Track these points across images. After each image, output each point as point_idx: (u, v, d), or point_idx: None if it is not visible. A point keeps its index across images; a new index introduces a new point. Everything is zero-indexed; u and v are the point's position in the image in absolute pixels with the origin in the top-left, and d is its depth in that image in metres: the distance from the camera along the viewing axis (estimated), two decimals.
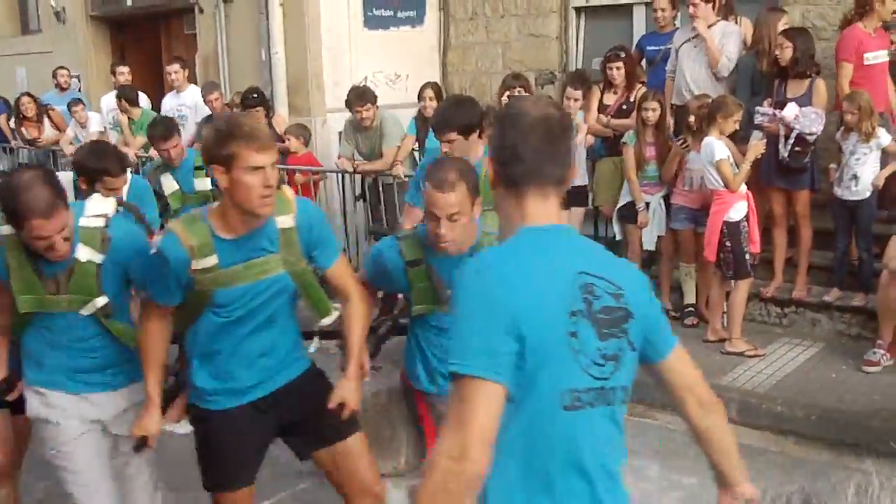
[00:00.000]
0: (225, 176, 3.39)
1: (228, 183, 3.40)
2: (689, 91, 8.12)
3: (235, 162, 3.36)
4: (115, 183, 4.96)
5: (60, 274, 3.73)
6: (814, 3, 8.74)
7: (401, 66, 10.99)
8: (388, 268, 4.05)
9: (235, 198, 3.42)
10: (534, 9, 10.62)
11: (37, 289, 3.75)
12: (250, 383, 3.76)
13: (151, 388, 3.78)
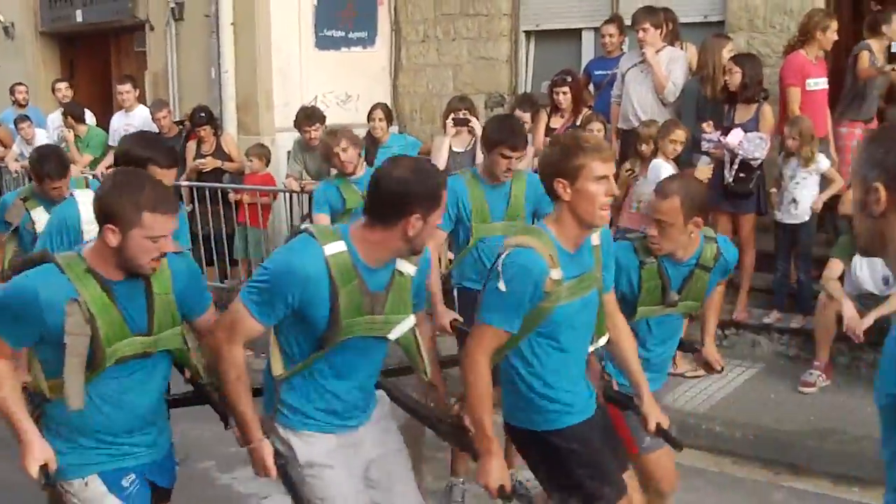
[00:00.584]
0: (569, 189, 3.48)
1: (572, 195, 3.49)
2: (635, 116, 8.22)
3: (583, 172, 3.46)
4: (165, 176, 4.29)
5: (380, 292, 3.46)
6: (759, 31, 8.89)
7: (352, 87, 11.03)
8: (621, 267, 4.14)
9: (579, 208, 3.51)
10: (484, 32, 10.71)
11: (361, 309, 3.41)
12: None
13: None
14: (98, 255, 3.31)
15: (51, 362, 3.32)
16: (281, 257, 3.41)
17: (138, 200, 3.22)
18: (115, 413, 3.42)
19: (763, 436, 6.25)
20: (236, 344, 3.42)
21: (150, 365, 3.46)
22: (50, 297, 3.19)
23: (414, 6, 11.21)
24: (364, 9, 11.16)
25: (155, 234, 3.24)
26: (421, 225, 3.31)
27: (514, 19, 10.62)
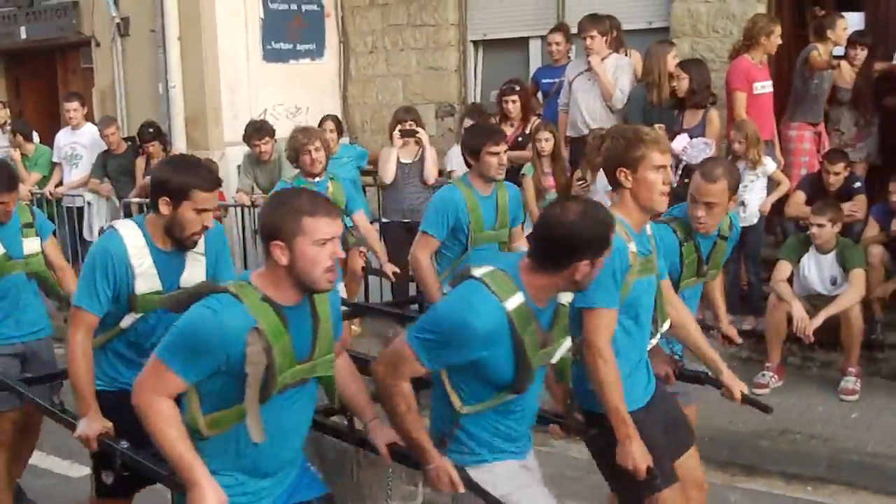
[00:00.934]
0: (631, 177, 3.81)
1: (633, 183, 3.81)
2: (584, 123, 8.29)
3: (644, 162, 3.79)
4: (209, 200, 4.03)
5: (549, 329, 3.50)
6: (702, 36, 9.01)
7: (301, 99, 11.00)
8: (667, 250, 4.36)
9: (640, 196, 3.84)
10: (433, 42, 10.75)
11: (538, 346, 3.42)
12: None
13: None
14: (269, 280, 3.22)
15: (215, 396, 3.20)
16: (457, 312, 3.32)
17: (297, 207, 3.16)
18: (272, 446, 3.29)
19: (718, 437, 6.31)
20: (402, 380, 3.42)
21: (304, 393, 3.38)
22: (234, 327, 3.10)
23: (361, 18, 11.21)
24: (312, 21, 11.15)
25: (320, 238, 3.15)
26: (589, 270, 3.34)
27: (461, 29, 10.67)
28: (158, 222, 3.97)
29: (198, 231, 3.94)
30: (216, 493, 3.14)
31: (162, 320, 3.99)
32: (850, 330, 6.91)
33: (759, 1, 8.76)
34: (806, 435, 6.35)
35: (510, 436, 3.58)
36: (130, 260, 3.94)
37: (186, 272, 4.07)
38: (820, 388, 7.14)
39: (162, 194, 3.89)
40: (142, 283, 3.97)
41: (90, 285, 3.94)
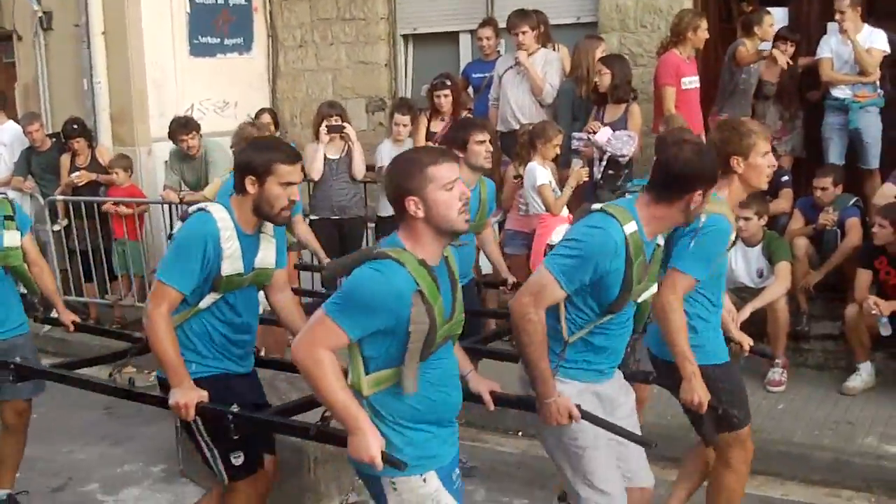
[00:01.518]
0: (744, 163, 4.30)
1: (745, 168, 4.31)
2: (514, 118, 8.31)
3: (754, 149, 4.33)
4: (293, 173, 4.13)
5: (649, 264, 3.91)
6: (630, 31, 9.06)
7: (229, 94, 10.88)
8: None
9: (752, 179, 4.36)
10: (362, 36, 10.68)
11: (639, 278, 3.84)
12: None
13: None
14: (413, 240, 3.41)
15: (379, 358, 3.39)
16: (592, 231, 3.78)
17: (419, 160, 3.41)
18: (439, 399, 3.50)
19: (649, 431, 6.29)
20: (542, 308, 3.76)
21: (449, 350, 3.59)
22: (402, 289, 3.27)
23: (290, 12, 11.11)
24: (239, 15, 11.02)
25: (447, 182, 3.35)
26: (700, 199, 3.82)
27: (391, 23, 10.62)
28: (245, 204, 4.12)
29: (286, 206, 4.09)
30: (376, 438, 3.32)
31: (240, 299, 4.23)
32: (777, 322, 7.00)
33: None
34: None
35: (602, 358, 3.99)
36: (221, 242, 4.07)
37: (261, 253, 4.26)
38: (747, 380, 7.11)
39: (247, 174, 4.07)
40: (227, 265, 4.10)
41: (183, 264, 4.04)
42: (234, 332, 4.27)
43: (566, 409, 3.76)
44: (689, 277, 4.13)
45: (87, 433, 7.02)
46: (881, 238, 6.86)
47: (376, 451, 3.29)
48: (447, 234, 3.42)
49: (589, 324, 3.88)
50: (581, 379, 3.95)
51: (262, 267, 4.27)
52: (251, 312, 4.36)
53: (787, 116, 8.48)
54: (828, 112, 8.09)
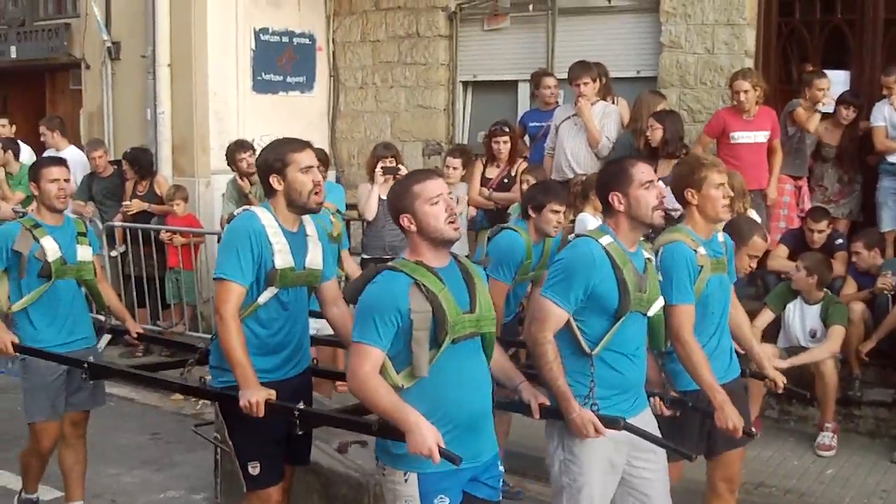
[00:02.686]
0: (697, 195, 4.56)
1: (699, 200, 4.57)
2: (568, 167, 8.32)
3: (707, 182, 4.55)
4: (307, 158, 4.40)
5: (642, 274, 4.14)
6: (690, 87, 9.08)
7: (289, 131, 10.72)
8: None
9: (705, 210, 4.57)
10: (422, 81, 10.80)
11: (636, 286, 4.07)
12: None
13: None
14: (414, 251, 3.75)
15: (400, 355, 3.64)
16: (569, 252, 4.12)
17: (406, 182, 3.79)
18: (458, 392, 3.70)
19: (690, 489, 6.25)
20: (548, 331, 4.01)
21: (476, 347, 3.81)
22: (397, 287, 3.60)
23: (353, 53, 11.27)
24: (303, 54, 11.19)
25: (432, 197, 3.68)
26: (625, 203, 4.08)
27: (451, 69, 10.73)
28: (280, 202, 4.36)
29: (312, 189, 4.33)
30: (431, 430, 3.50)
31: (295, 296, 4.45)
32: (825, 385, 6.93)
33: (747, 55, 8.86)
34: (781, 489, 6.36)
35: (625, 383, 4.13)
36: (269, 237, 4.29)
37: (310, 254, 4.46)
38: (797, 443, 7.16)
39: (269, 174, 4.34)
40: (280, 259, 4.31)
41: (234, 258, 4.25)
42: (281, 334, 4.43)
43: (590, 422, 3.93)
44: (683, 306, 4.37)
45: (132, 457, 7.07)
46: None
47: (433, 442, 3.46)
48: (440, 242, 3.72)
49: (603, 335, 4.05)
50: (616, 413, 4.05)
51: (313, 267, 4.46)
52: (302, 314, 4.56)
53: (846, 180, 8.44)
54: (883, 176, 8.05)
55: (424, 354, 3.60)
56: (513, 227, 6.15)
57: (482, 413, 3.79)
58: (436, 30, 10.62)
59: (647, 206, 4.08)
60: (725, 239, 4.87)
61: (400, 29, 10.85)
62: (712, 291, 4.56)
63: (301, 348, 4.56)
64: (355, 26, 11.21)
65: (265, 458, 4.42)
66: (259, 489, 4.45)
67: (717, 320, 4.67)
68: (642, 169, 4.14)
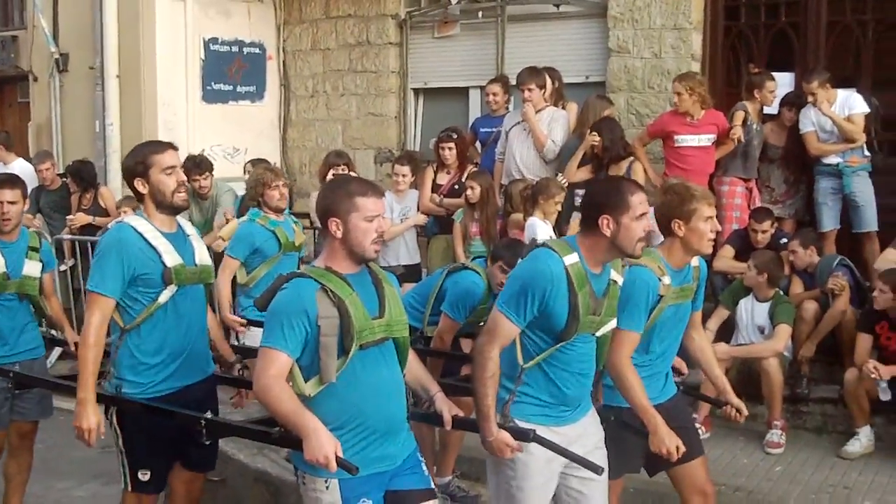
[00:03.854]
0: (685, 227, 4.38)
1: (686, 232, 4.39)
2: (518, 172, 8.36)
3: (696, 214, 4.36)
4: (170, 160, 4.58)
5: (601, 298, 4.06)
6: (638, 91, 9.16)
7: (240, 141, 10.99)
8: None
9: (690, 243, 4.41)
10: (373, 89, 10.81)
11: (589, 309, 3.99)
12: None
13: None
14: (327, 255, 3.77)
15: (311, 365, 3.65)
16: (530, 265, 4.01)
17: (350, 190, 3.76)
18: (369, 400, 3.71)
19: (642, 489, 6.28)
20: (496, 347, 3.95)
21: (387, 352, 3.83)
22: (305, 292, 3.62)
23: (303, 62, 11.27)
24: (252, 63, 11.18)
25: (369, 214, 3.71)
26: (616, 227, 3.95)
27: (402, 77, 10.75)
28: (149, 204, 4.46)
29: (176, 188, 4.44)
30: (329, 438, 3.50)
31: (190, 299, 4.53)
32: (771, 384, 6.99)
33: (693, 59, 8.95)
34: (730, 487, 6.39)
35: (563, 396, 4.08)
36: (150, 241, 4.39)
37: (197, 252, 4.60)
38: (747, 441, 7.21)
39: (133, 178, 4.45)
40: (169, 258, 4.42)
41: (102, 271, 4.33)
42: (177, 340, 4.50)
43: (506, 446, 3.93)
44: (629, 333, 4.29)
45: (82, 471, 7.01)
46: (881, 303, 6.87)
47: (329, 451, 3.46)
48: (358, 259, 3.75)
49: (543, 352, 4.01)
50: (538, 422, 4.04)
51: (204, 263, 4.61)
52: (198, 318, 4.64)
53: (792, 180, 8.53)
54: (820, 178, 8.13)
55: (332, 361, 3.61)
56: (475, 269, 6.08)
57: (397, 418, 3.82)
58: (386, 37, 10.64)
59: (634, 237, 3.97)
60: (700, 264, 4.76)
61: (350, 37, 10.86)
62: (665, 321, 4.48)
63: (200, 354, 4.63)
64: (305, 35, 11.21)
65: (156, 466, 4.54)
66: (143, 493, 4.57)
67: (664, 349, 4.61)
68: (640, 199, 4.00)
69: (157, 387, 4.44)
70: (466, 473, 6.84)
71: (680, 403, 4.83)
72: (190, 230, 4.69)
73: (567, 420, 4.13)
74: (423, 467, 3.97)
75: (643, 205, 4.01)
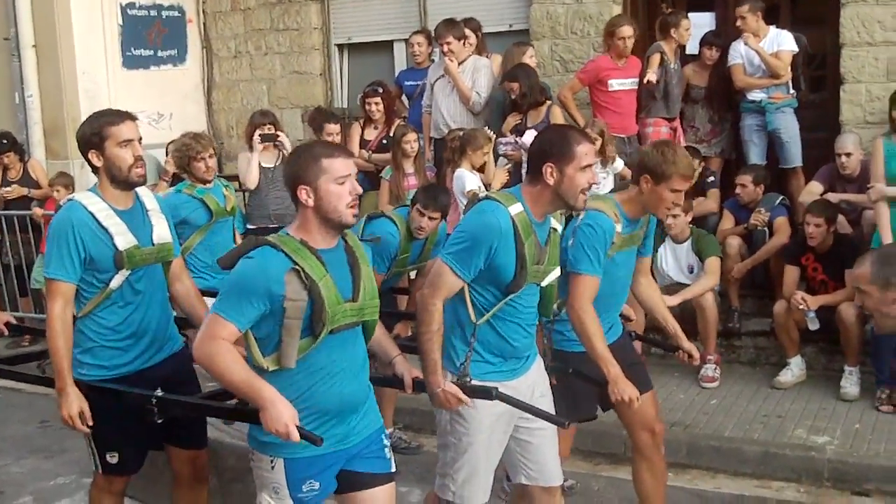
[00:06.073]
0: (653, 188, 4.37)
1: (649, 194, 4.39)
2: (445, 125, 8.36)
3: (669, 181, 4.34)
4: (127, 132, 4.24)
5: (544, 247, 4.00)
6: (561, 38, 9.17)
7: (164, 106, 10.83)
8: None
9: (650, 204, 4.44)
10: (297, 46, 10.70)
11: (535, 259, 3.93)
12: None
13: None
14: (301, 227, 3.52)
15: (269, 339, 3.46)
16: (477, 217, 3.91)
17: (315, 153, 3.51)
18: (330, 383, 3.55)
19: (582, 427, 6.36)
20: (439, 298, 3.88)
21: (356, 336, 3.66)
22: (274, 269, 3.37)
23: (224, 23, 11.12)
24: (172, 27, 11.00)
25: (339, 176, 3.45)
26: (559, 176, 3.87)
27: (325, 33, 10.66)
28: (104, 180, 4.20)
29: (132, 163, 4.14)
30: (287, 407, 3.36)
31: (146, 277, 4.29)
32: (706, 319, 7.13)
33: (615, 2, 8.97)
34: (667, 423, 6.48)
35: (512, 350, 4.05)
36: (101, 221, 4.11)
37: (156, 229, 4.33)
38: (682, 377, 7.35)
39: (88, 149, 4.20)
40: (121, 240, 4.14)
41: (58, 254, 4.09)
42: (136, 321, 4.29)
43: (453, 397, 3.90)
44: (590, 277, 4.27)
45: (20, 447, 6.94)
46: (816, 236, 6.97)
47: (289, 419, 3.33)
48: (334, 226, 3.52)
49: (493, 306, 3.95)
50: (494, 378, 4.00)
51: (162, 242, 4.34)
52: (158, 295, 4.42)
53: (716, 119, 8.61)
54: (745, 115, 8.22)
55: (294, 345, 3.42)
56: (390, 217, 6.07)
57: (354, 398, 3.64)
58: None
59: (577, 187, 3.88)
60: (651, 217, 4.73)
61: None
62: (616, 267, 4.49)
63: (163, 332, 4.42)
64: None
65: (125, 447, 4.36)
66: (114, 475, 4.45)
67: (617, 295, 4.64)
68: (587, 150, 3.92)
69: (118, 369, 4.24)
70: (409, 425, 6.93)
71: (627, 341, 4.91)
72: (151, 204, 4.37)
73: (518, 373, 4.11)
74: (385, 451, 3.82)
75: (589, 156, 3.94)
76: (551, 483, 4.29)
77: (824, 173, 7.68)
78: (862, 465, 5.86)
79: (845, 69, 8.06)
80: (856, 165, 7.45)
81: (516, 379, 4.09)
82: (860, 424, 6.37)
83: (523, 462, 4.24)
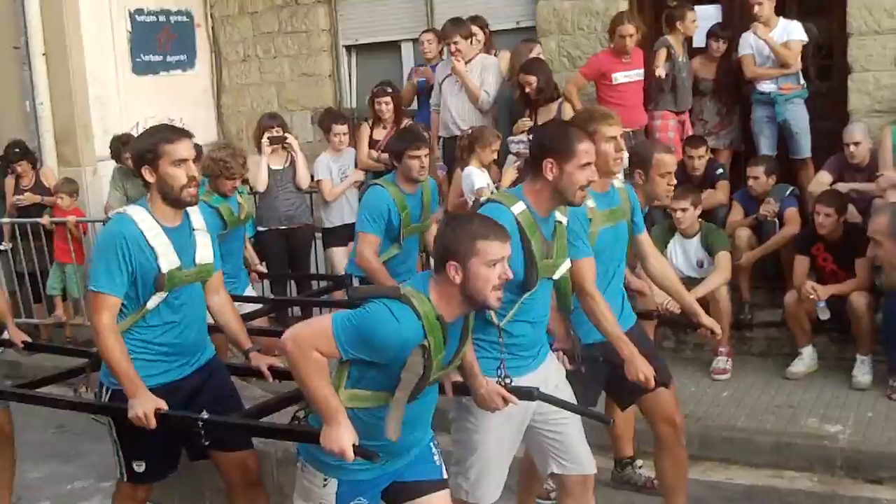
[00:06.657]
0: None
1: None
2: (454, 124, 8.38)
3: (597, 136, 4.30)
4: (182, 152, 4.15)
5: (550, 240, 4.07)
6: (568, 34, 9.17)
7: (174, 111, 10.79)
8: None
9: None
10: (305, 48, 10.73)
11: (542, 254, 4.00)
12: None
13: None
14: (441, 295, 3.46)
15: (365, 378, 3.48)
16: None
17: (472, 231, 3.45)
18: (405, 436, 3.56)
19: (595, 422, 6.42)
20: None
21: (434, 388, 3.71)
22: (409, 340, 3.35)
23: (232, 27, 11.15)
24: (181, 32, 11.03)
25: (491, 259, 3.42)
26: (558, 171, 3.92)
27: (333, 35, 10.68)
28: (155, 196, 4.14)
29: (186, 183, 4.08)
30: (351, 432, 3.39)
31: (185, 296, 4.23)
32: (719, 311, 7.10)
33: None
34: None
35: (522, 347, 4.09)
36: (149, 240, 4.07)
37: (199, 250, 4.28)
38: (694, 370, 7.36)
39: (140, 165, 4.11)
40: (164, 262, 4.09)
41: (106, 268, 4.03)
42: (173, 337, 4.24)
43: (498, 395, 3.87)
44: (581, 260, 4.26)
45: (37, 452, 6.97)
46: (827, 226, 6.96)
47: (347, 442, 3.37)
48: (475, 305, 3.50)
49: (512, 305, 3.94)
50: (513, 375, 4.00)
51: (204, 262, 4.28)
52: (197, 312, 4.37)
53: (725, 111, 8.61)
54: (755, 106, 8.20)
55: (400, 416, 3.44)
56: (380, 183, 6.16)
57: (417, 441, 3.73)
58: None
59: (576, 184, 3.93)
60: (629, 191, 4.79)
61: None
62: (604, 245, 4.48)
63: (198, 346, 4.37)
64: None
65: (152, 458, 4.34)
66: (139, 483, 4.45)
67: (612, 272, 4.63)
68: (587, 147, 3.95)
69: (150, 380, 4.13)
70: None
71: (642, 333, 4.90)
72: (198, 223, 4.31)
73: (530, 369, 4.13)
74: (434, 457, 3.84)
75: (589, 154, 3.97)
76: (586, 471, 4.34)
77: (833, 163, 7.68)
78: (875, 454, 5.87)
79: (852, 58, 8.05)
80: (864, 154, 7.45)
81: (524, 376, 4.08)
82: (873, 413, 6.37)
83: (557, 454, 4.29)
